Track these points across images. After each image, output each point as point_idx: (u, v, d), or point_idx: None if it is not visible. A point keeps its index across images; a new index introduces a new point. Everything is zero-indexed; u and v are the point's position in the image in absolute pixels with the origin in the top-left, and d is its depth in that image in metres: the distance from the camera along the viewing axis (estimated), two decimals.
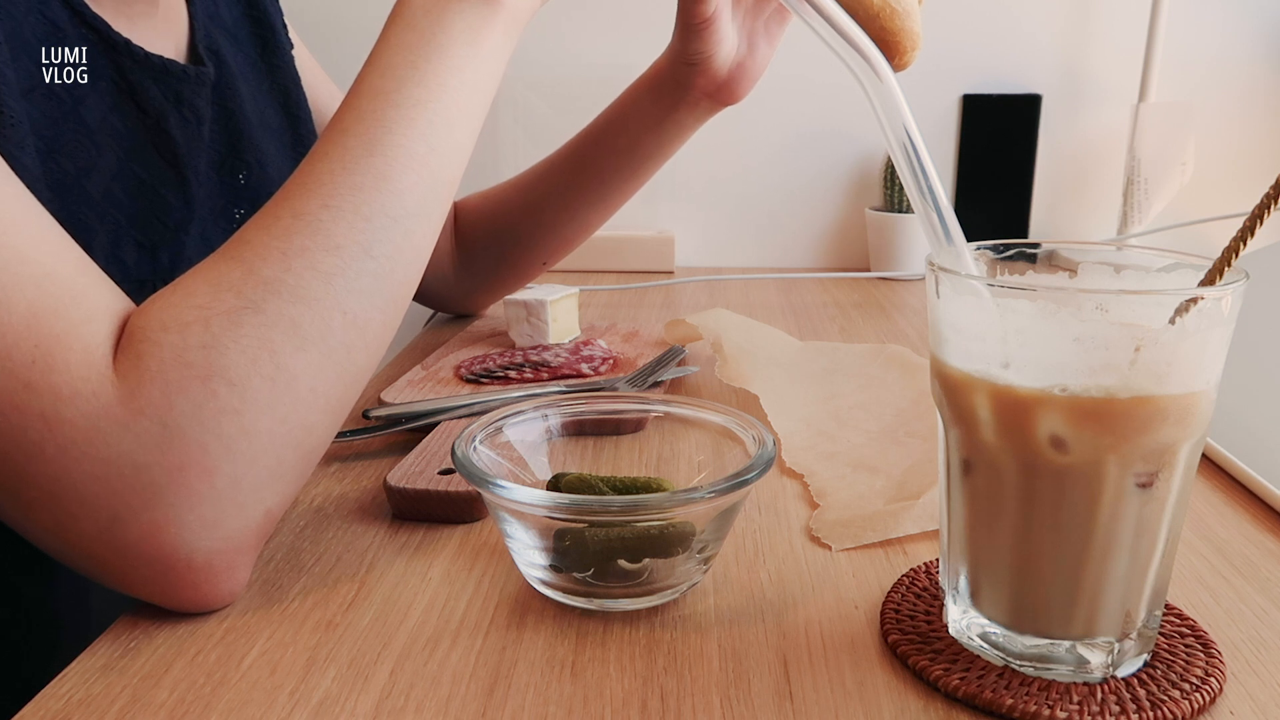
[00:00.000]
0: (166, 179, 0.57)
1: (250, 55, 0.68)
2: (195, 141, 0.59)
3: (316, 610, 0.40)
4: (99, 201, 0.53)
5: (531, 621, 0.39)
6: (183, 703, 0.34)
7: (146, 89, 0.55)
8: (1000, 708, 0.33)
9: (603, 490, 0.42)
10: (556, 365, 0.69)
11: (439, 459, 0.51)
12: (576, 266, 1.17)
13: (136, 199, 0.55)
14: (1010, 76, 1.15)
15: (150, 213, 0.56)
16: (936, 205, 0.38)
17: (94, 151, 0.52)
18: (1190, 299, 0.30)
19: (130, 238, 0.54)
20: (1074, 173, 1.18)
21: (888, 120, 0.40)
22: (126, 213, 0.54)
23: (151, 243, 0.56)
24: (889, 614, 0.39)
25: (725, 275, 1.11)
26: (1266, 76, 1.14)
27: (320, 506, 0.50)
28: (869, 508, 0.49)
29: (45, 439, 0.36)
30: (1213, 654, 0.36)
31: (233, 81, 0.64)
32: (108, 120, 0.53)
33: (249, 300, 0.39)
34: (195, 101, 0.58)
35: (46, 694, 0.35)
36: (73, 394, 0.36)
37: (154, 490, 0.37)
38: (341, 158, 0.42)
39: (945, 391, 0.35)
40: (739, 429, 0.44)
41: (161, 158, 0.56)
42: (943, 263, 0.35)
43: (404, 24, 0.45)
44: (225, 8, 0.67)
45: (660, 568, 0.40)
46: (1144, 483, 0.32)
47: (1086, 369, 0.31)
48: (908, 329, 0.87)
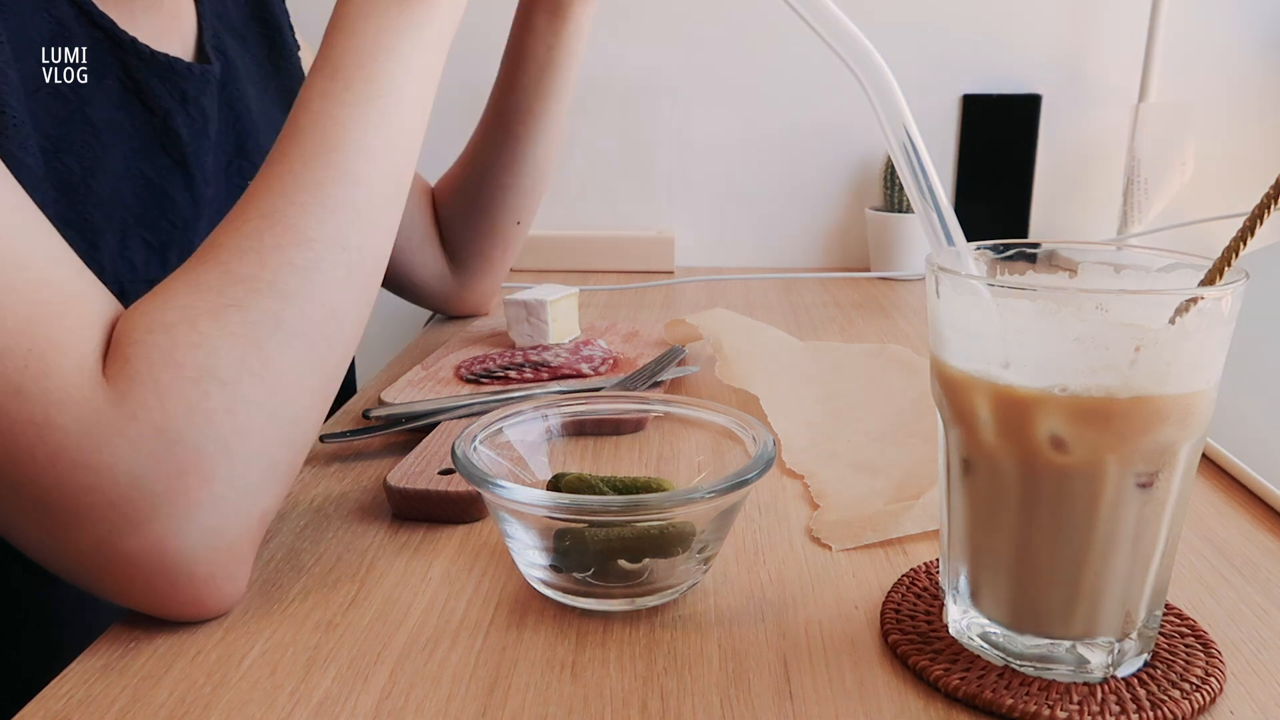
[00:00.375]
0: (174, 177, 0.57)
1: (257, 55, 0.69)
2: (202, 140, 0.59)
3: (316, 610, 0.40)
4: (106, 201, 0.53)
5: (531, 621, 0.39)
6: (183, 703, 0.34)
7: (153, 87, 0.55)
8: (1000, 708, 0.33)
9: (603, 490, 0.42)
10: (556, 365, 0.69)
11: (439, 459, 0.51)
12: (576, 266, 1.17)
13: (144, 198, 0.55)
14: (1010, 76, 1.15)
15: (158, 211, 0.56)
16: (936, 205, 0.38)
17: (100, 150, 0.52)
18: (1190, 299, 0.30)
19: (138, 237, 0.54)
20: (1074, 173, 1.18)
21: (888, 120, 0.40)
22: (134, 212, 0.54)
23: (160, 242, 0.56)
24: (889, 614, 0.39)
25: (725, 275, 1.11)
26: (1266, 77, 1.14)
27: (320, 506, 0.50)
28: (869, 508, 0.49)
29: (36, 446, 0.35)
30: (1213, 654, 0.36)
31: (239, 81, 0.64)
32: (114, 119, 0.53)
33: (231, 298, 0.39)
34: (201, 100, 0.58)
35: (46, 694, 0.35)
36: (64, 399, 0.35)
37: (152, 501, 0.36)
38: (301, 156, 0.43)
39: (945, 391, 0.35)
40: (739, 429, 0.44)
41: (169, 156, 0.56)
42: (943, 263, 0.35)
43: (345, 29, 0.46)
44: (233, 7, 0.67)
45: (660, 568, 0.40)
46: (1144, 483, 0.32)
47: (1086, 369, 0.31)
48: (908, 329, 0.87)
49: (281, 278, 0.40)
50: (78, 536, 0.36)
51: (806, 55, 1.15)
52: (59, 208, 0.50)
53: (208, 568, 0.38)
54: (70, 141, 0.51)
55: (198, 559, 0.37)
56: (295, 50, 0.73)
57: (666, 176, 1.21)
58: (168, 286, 0.40)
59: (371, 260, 0.44)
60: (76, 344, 0.36)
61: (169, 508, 0.36)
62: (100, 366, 0.37)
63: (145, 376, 0.37)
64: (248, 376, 0.38)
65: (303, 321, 0.40)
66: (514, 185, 0.82)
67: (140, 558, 0.37)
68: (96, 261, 0.52)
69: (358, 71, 0.45)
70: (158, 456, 0.36)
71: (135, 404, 0.36)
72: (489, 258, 0.86)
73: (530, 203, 0.84)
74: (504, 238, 0.85)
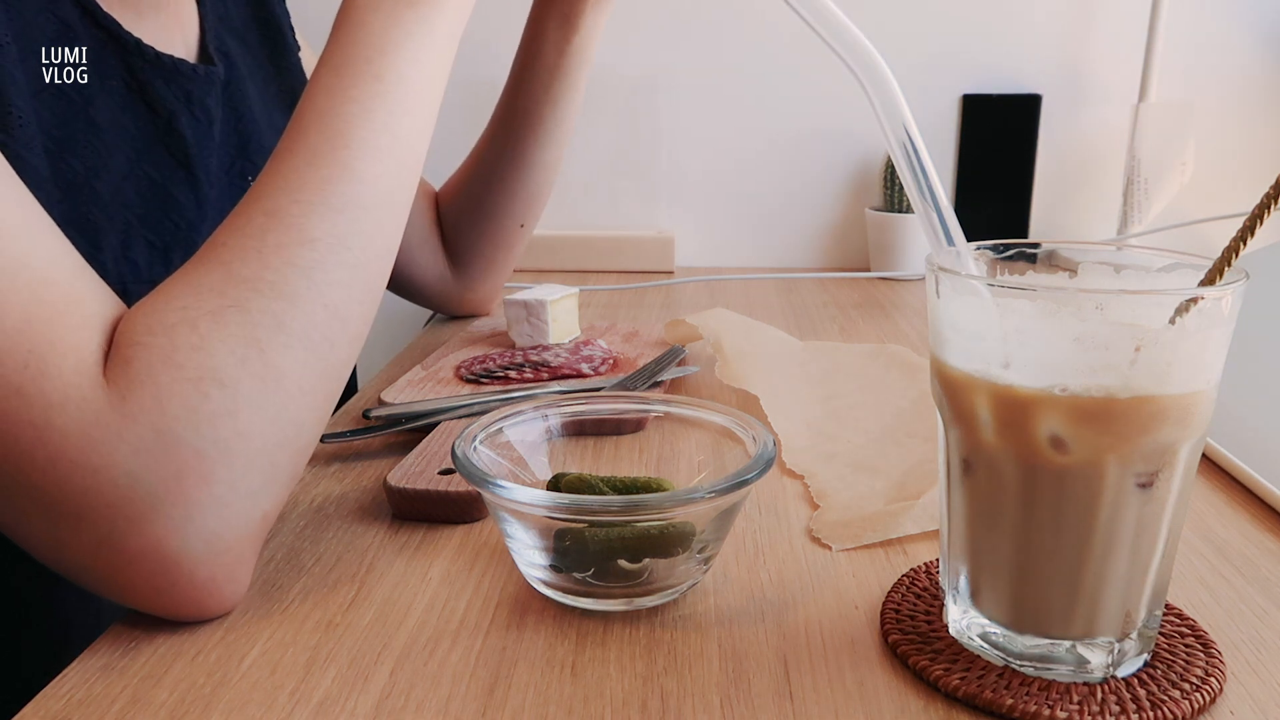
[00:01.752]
0: (178, 179, 0.57)
1: (259, 57, 0.69)
2: (206, 141, 0.59)
3: (316, 610, 0.40)
4: (109, 201, 0.52)
5: (531, 621, 0.39)
6: (183, 703, 0.34)
7: (157, 89, 0.55)
8: (1000, 708, 0.33)
9: (603, 490, 0.42)
10: (556, 365, 0.69)
11: (439, 459, 0.51)
12: (576, 266, 1.17)
13: (148, 199, 0.55)
14: (1010, 76, 1.15)
15: (162, 212, 0.56)
16: (936, 205, 0.38)
17: (104, 151, 0.52)
18: (1190, 299, 0.30)
19: (141, 238, 0.54)
20: (1074, 173, 1.18)
21: (888, 120, 0.40)
22: (137, 212, 0.54)
23: (164, 243, 0.56)
24: (889, 614, 0.39)
25: (725, 275, 1.11)
26: (1266, 76, 1.14)
27: (320, 506, 0.50)
28: (869, 508, 0.49)
29: (36, 447, 0.35)
30: (1213, 654, 0.36)
31: (241, 83, 0.64)
32: (118, 119, 0.53)
33: (233, 299, 0.39)
34: (206, 101, 0.58)
35: (46, 694, 0.35)
36: (63, 400, 0.35)
37: (151, 502, 0.36)
38: (306, 154, 0.42)
39: (945, 391, 0.35)
40: (739, 429, 0.44)
41: (173, 157, 0.56)
42: (943, 263, 0.35)
43: (352, 26, 0.45)
44: (235, 9, 0.67)
45: (660, 568, 0.40)
46: (1144, 483, 0.32)
47: (1087, 369, 0.31)
48: (908, 329, 0.87)
49: (284, 278, 0.40)
50: (79, 537, 0.36)
51: (807, 55, 1.15)
52: (62, 208, 0.49)
53: (208, 569, 0.38)
54: (74, 142, 0.51)
55: (198, 560, 0.37)
56: (296, 51, 0.73)
57: (666, 176, 1.21)
58: (169, 287, 0.40)
59: (376, 260, 0.44)
60: (76, 345, 0.36)
61: (169, 509, 0.36)
62: (101, 368, 0.37)
63: (145, 378, 0.36)
64: (248, 378, 0.38)
65: (305, 323, 0.40)
66: (519, 189, 0.82)
67: (141, 558, 0.36)
68: (99, 262, 0.52)
69: (365, 68, 0.44)
70: (157, 458, 0.36)
71: (135, 406, 0.36)
72: (492, 259, 0.86)
73: (535, 206, 0.84)
74: (507, 240, 0.85)
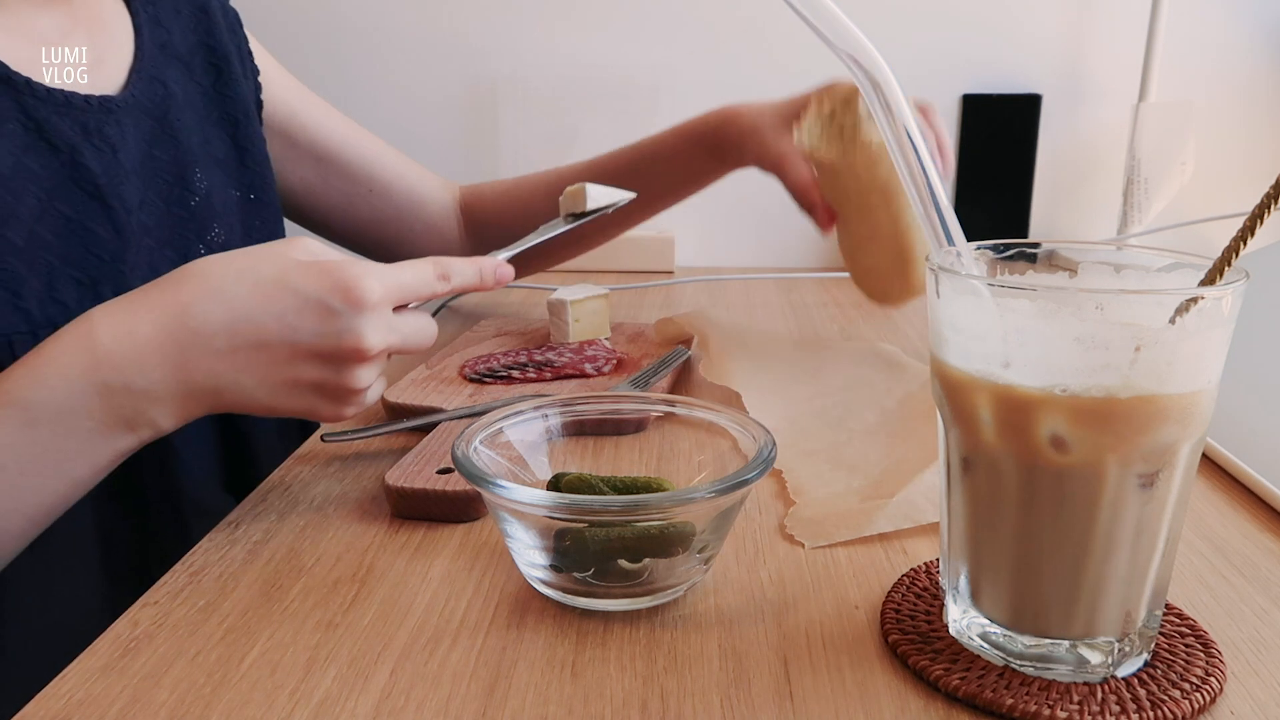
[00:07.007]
0: (92, 211, 0.56)
1: (203, 84, 0.68)
2: (115, 170, 0.58)
3: (316, 610, 0.40)
4: (24, 248, 0.52)
5: (531, 621, 0.39)
6: (183, 703, 0.34)
7: (54, 125, 0.55)
8: (1000, 708, 0.33)
9: (603, 490, 0.42)
10: (560, 365, 0.69)
11: (439, 459, 0.51)
12: (577, 266, 1.16)
13: (64, 237, 0.55)
14: (1010, 76, 1.15)
15: (84, 248, 0.56)
16: (936, 205, 0.38)
17: (10, 198, 0.52)
18: (1190, 299, 0.30)
19: (67, 276, 0.54)
20: (1074, 173, 1.18)
21: (888, 120, 0.40)
22: (58, 253, 0.54)
23: (90, 278, 0.56)
24: (889, 614, 0.39)
25: (725, 275, 1.11)
26: (1267, 76, 1.14)
27: (320, 506, 0.50)
28: (842, 505, 0.49)
29: None
30: (1213, 654, 0.36)
31: (179, 109, 0.64)
32: (22, 163, 0.53)
33: None
34: (105, 130, 0.58)
35: (46, 694, 0.35)
36: None
37: None
38: None
39: (945, 391, 0.35)
40: (739, 429, 0.44)
41: (83, 191, 0.56)
42: (943, 263, 0.35)
43: (31, 412, 0.44)
44: (179, 36, 0.67)
45: (660, 568, 0.40)
46: (1144, 482, 0.32)
47: (1087, 369, 0.31)
48: (908, 329, 0.87)
49: None
50: None
51: (807, 55, 1.14)
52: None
53: None
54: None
55: None
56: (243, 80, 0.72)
57: None
58: None
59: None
60: None
61: None
62: None
63: None
64: None
65: None
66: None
67: None
68: (21, 310, 0.52)
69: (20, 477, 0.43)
70: None
71: None
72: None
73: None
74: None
